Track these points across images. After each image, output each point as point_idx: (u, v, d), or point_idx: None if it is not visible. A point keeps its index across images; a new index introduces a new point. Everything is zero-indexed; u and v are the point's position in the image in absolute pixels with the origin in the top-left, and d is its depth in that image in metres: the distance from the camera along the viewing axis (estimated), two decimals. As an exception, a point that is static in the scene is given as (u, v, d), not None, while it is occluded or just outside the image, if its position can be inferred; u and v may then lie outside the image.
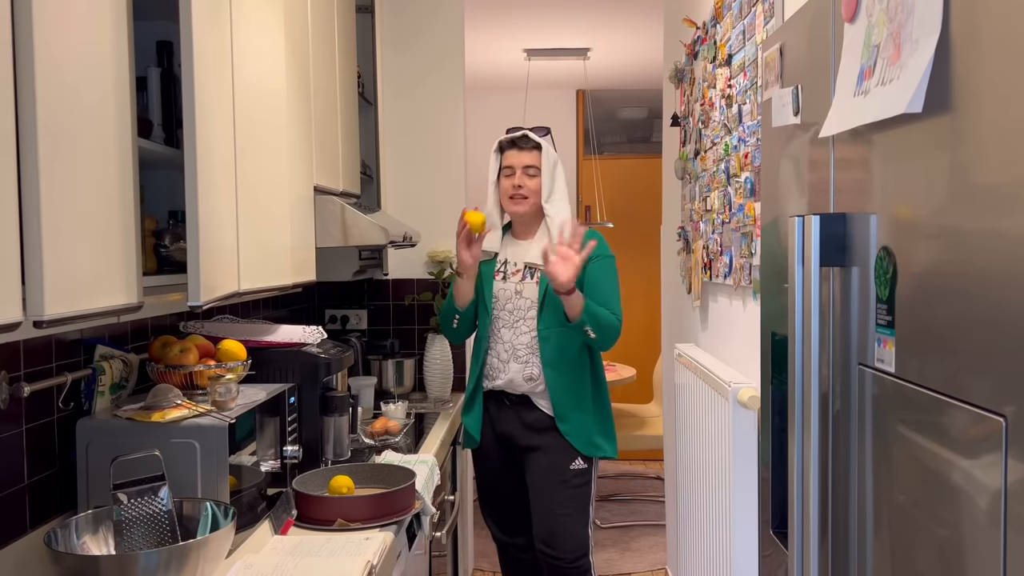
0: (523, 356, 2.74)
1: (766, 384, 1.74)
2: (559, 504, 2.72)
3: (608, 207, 6.29)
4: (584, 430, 2.72)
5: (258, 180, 1.91)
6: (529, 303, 2.73)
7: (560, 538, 2.71)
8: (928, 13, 0.98)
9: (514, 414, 2.77)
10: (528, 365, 2.73)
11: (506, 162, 2.77)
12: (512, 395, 2.77)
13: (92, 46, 1.29)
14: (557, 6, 4.51)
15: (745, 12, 2.47)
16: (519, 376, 2.74)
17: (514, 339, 2.74)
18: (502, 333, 2.76)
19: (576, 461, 2.72)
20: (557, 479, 2.72)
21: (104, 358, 1.89)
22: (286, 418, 2.07)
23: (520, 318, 2.74)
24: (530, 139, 2.76)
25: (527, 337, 2.73)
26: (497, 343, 2.77)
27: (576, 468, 2.72)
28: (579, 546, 2.73)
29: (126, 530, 1.54)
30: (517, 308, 2.75)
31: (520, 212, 2.76)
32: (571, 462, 2.72)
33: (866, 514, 1.21)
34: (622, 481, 5.70)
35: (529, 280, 2.75)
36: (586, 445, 2.73)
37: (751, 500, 2.30)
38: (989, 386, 0.88)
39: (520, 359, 2.74)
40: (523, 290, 2.74)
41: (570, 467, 2.72)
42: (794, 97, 1.51)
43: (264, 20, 1.97)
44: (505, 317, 2.76)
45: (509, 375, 2.75)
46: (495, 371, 2.78)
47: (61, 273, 1.19)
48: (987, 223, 0.88)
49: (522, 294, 2.74)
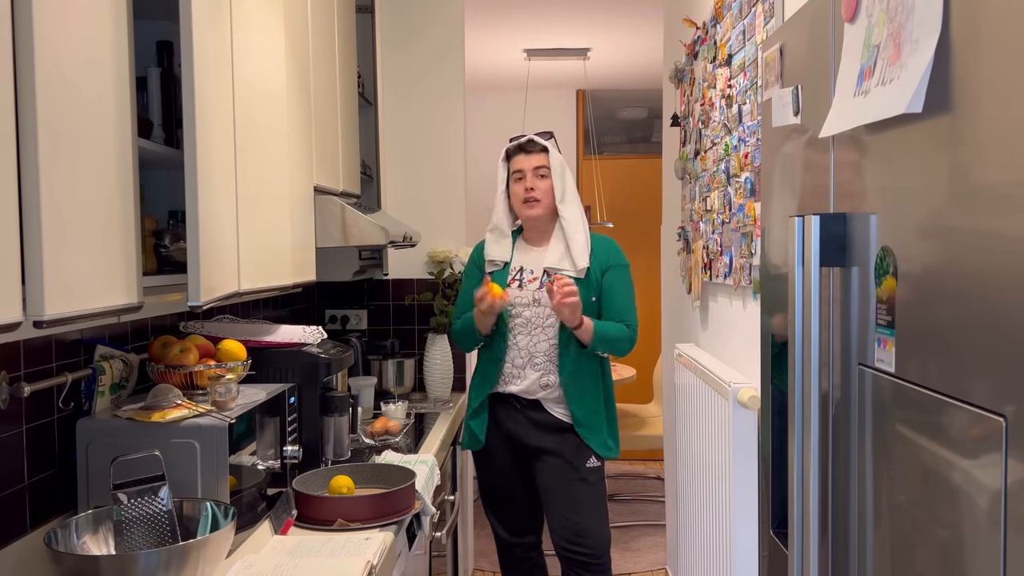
0: (540, 363, 2.73)
1: (766, 384, 1.74)
2: (581, 501, 2.74)
3: (608, 207, 6.29)
4: (600, 433, 2.75)
5: (258, 180, 1.91)
6: (548, 311, 2.71)
7: (587, 535, 2.73)
8: (928, 13, 0.98)
9: (523, 416, 2.76)
10: (545, 372, 2.73)
11: (515, 167, 2.77)
12: (524, 399, 2.76)
13: (92, 46, 1.29)
14: (557, 6, 4.51)
15: (745, 12, 2.47)
16: (535, 384, 2.73)
17: (531, 346, 2.74)
18: (519, 340, 2.75)
19: (591, 459, 2.75)
20: (574, 477, 2.73)
21: (104, 358, 1.89)
22: (286, 418, 2.07)
23: (538, 325, 2.73)
24: (537, 142, 2.76)
25: (545, 344, 2.72)
26: (513, 349, 2.75)
27: (591, 466, 2.75)
28: (604, 541, 2.77)
29: (126, 530, 1.54)
30: (536, 316, 2.73)
31: (535, 216, 2.75)
32: (586, 460, 2.74)
33: (866, 514, 1.21)
34: (622, 481, 5.70)
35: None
36: (601, 447, 2.76)
37: (751, 500, 2.30)
38: (989, 386, 0.88)
39: (537, 366, 2.73)
40: (541, 298, 2.72)
41: (586, 465, 2.74)
42: (794, 97, 1.51)
43: (264, 20, 1.97)
44: (522, 324, 2.74)
45: (525, 382, 2.74)
46: (510, 377, 2.76)
47: (61, 273, 1.19)
48: (987, 223, 0.88)
49: (540, 302, 2.73)
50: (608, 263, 2.76)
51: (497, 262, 2.81)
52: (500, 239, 2.83)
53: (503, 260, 2.81)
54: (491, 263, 2.82)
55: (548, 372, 2.72)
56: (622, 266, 2.77)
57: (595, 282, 2.72)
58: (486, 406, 2.81)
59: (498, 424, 2.81)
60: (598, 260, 2.75)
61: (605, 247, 2.78)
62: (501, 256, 2.81)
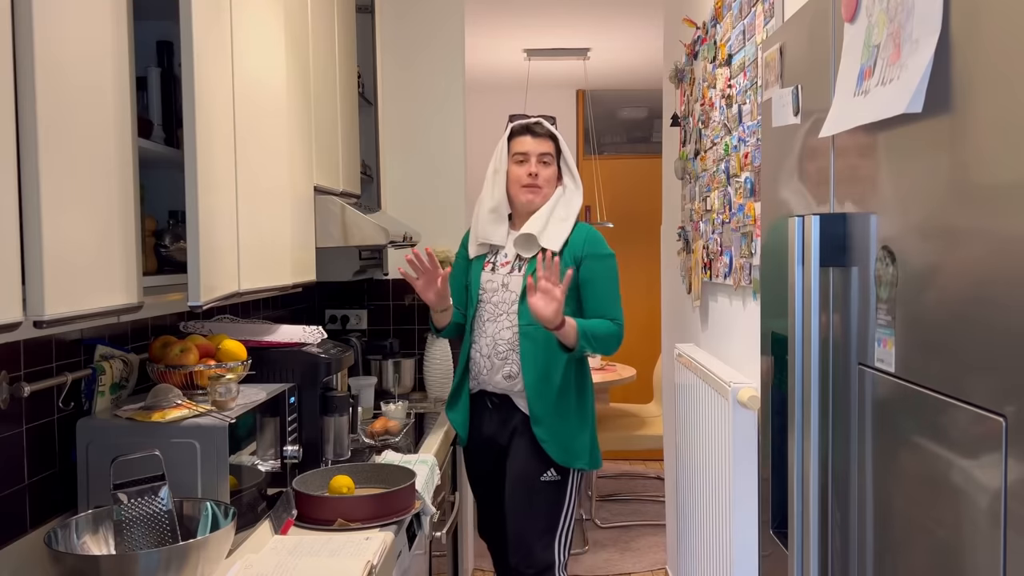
0: (503, 352, 2.57)
1: (766, 384, 1.74)
2: (526, 516, 2.53)
3: (608, 207, 6.29)
4: (560, 437, 2.52)
5: (258, 180, 1.91)
6: (513, 296, 2.56)
7: (523, 551, 2.52)
8: (928, 13, 0.98)
9: (497, 416, 2.63)
10: (507, 362, 2.57)
11: (519, 148, 2.61)
12: (495, 395, 2.64)
13: (92, 46, 1.29)
14: (557, 6, 4.51)
15: (745, 12, 2.47)
16: (498, 374, 2.59)
17: (496, 333, 2.58)
18: (486, 327, 2.61)
19: (549, 472, 2.52)
20: (526, 487, 2.54)
21: (104, 358, 1.89)
22: (286, 418, 2.07)
23: (503, 312, 2.58)
24: (545, 126, 2.63)
25: (508, 332, 2.56)
26: (480, 337, 2.61)
27: (548, 479, 2.52)
28: (542, 563, 2.51)
29: (126, 530, 1.54)
30: (502, 301, 2.58)
31: (533, 202, 2.60)
32: (543, 472, 2.52)
33: (866, 514, 1.21)
34: (622, 481, 5.70)
35: (517, 273, 2.59)
36: (561, 454, 2.51)
37: (751, 500, 2.30)
38: (989, 386, 0.88)
39: (500, 355, 2.58)
40: (509, 283, 2.58)
41: (540, 477, 2.53)
42: (794, 97, 1.51)
43: (264, 20, 1.97)
44: (490, 310, 2.60)
45: (489, 372, 2.60)
46: (477, 367, 2.63)
47: (61, 273, 1.19)
48: (987, 223, 0.88)
49: (508, 287, 2.58)
50: (584, 252, 2.56)
51: (493, 246, 2.66)
52: (498, 221, 2.65)
53: (501, 244, 2.65)
54: (489, 246, 2.67)
55: (510, 361, 2.56)
56: (603, 256, 2.57)
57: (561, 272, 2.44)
58: (462, 396, 2.68)
59: (478, 426, 2.68)
60: (572, 250, 2.57)
61: (584, 236, 2.59)
62: (499, 239, 2.64)
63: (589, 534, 4.70)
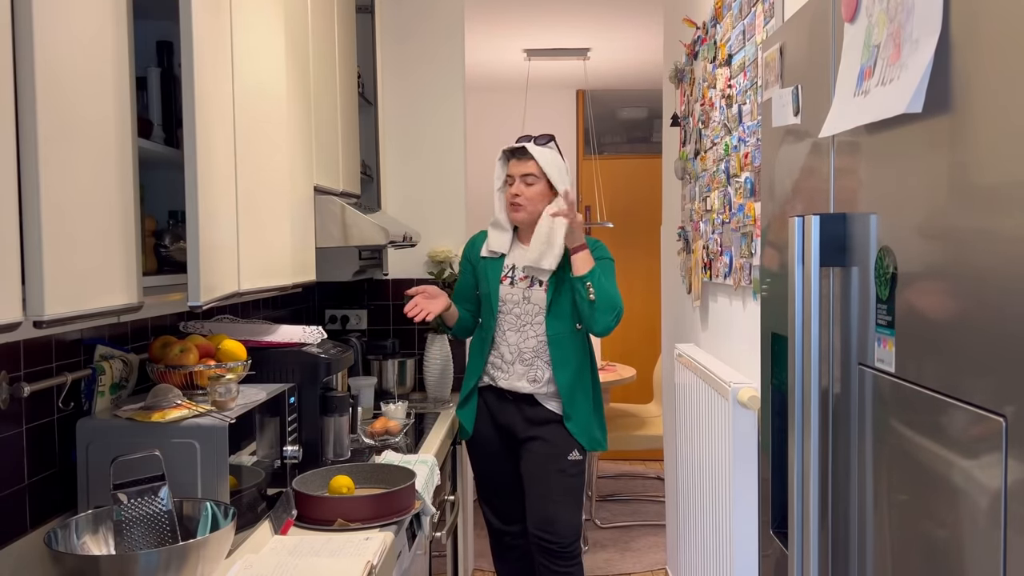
0: (528, 359, 2.86)
1: (766, 384, 1.74)
2: (556, 492, 2.84)
3: (608, 207, 6.29)
4: (587, 426, 2.87)
5: (258, 180, 1.91)
6: (537, 308, 2.86)
7: (557, 524, 2.84)
8: (928, 13, 0.98)
9: (515, 409, 2.90)
10: (533, 368, 2.86)
11: (506, 171, 2.91)
12: (515, 393, 2.88)
13: (92, 46, 1.29)
14: (557, 6, 4.51)
15: (745, 12, 2.47)
16: (524, 379, 2.86)
17: (520, 343, 2.87)
18: (508, 336, 2.89)
19: (573, 452, 2.86)
20: (554, 468, 2.84)
21: (104, 358, 1.89)
22: (286, 418, 2.07)
23: (527, 322, 2.87)
24: (527, 150, 2.86)
25: (534, 341, 2.86)
26: (502, 344, 2.89)
27: (573, 459, 2.86)
28: (573, 531, 2.87)
29: (126, 530, 1.54)
30: (525, 313, 2.87)
31: (519, 219, 2.88)
32: (569, 453, 2.85)
33: (866, 514, 1.21)
34: (622, 481, 5.70)
35: (537, 287, 2.86)
36: (588, 440, 2.87)
37: (751, 500, 2.30)
38: (989, 386, 0.88)
39: (525, 361, 2.87)
40: (531, 296, 2.87)
41: (568, 457, 2.85)
42: (794, 97, 1.51)
43: (264, 20, 1.97)
44: (512, 321, 2.88)
45: (513, 376, 2.87)
46: (498, 371, 2.90)
47: (61, 273, 1.19)
48: (987, 223, 0.88)
49: (530, 300, 2.87)
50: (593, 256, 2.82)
51: (495, 252, 2.94)
52: (500, 232, 2.95)
53: (501, 251, 2.94)
54: (489, 252, 2.95)
55: (536, 367, 2.85)
56: (602, 258, 2.84)
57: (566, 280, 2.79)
58: (473, 398, 2.96)
59: (492, 415, 2.94)
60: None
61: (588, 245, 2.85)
62: (499, 248, 2.94)
63: (589, 534, 4.69)
